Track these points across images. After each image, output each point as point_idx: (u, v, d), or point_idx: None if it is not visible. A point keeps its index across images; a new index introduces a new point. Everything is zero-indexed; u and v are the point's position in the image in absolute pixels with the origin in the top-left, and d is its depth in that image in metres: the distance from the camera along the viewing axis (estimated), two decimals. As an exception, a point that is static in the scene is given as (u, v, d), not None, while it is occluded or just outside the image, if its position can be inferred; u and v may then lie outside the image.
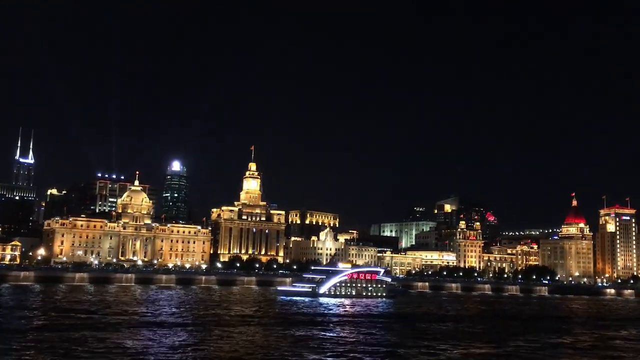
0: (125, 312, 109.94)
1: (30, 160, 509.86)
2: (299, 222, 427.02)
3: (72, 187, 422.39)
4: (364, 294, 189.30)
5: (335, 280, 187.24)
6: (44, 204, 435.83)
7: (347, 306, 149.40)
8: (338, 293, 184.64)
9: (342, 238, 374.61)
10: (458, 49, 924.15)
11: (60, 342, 69.78)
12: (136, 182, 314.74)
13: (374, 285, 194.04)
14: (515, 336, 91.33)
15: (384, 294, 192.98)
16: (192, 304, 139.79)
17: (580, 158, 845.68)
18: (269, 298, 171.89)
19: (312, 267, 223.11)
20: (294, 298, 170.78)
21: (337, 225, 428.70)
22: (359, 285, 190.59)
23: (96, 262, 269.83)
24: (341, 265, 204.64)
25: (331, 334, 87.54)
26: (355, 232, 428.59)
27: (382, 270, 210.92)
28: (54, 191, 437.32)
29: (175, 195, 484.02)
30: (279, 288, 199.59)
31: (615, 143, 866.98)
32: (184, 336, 79.77)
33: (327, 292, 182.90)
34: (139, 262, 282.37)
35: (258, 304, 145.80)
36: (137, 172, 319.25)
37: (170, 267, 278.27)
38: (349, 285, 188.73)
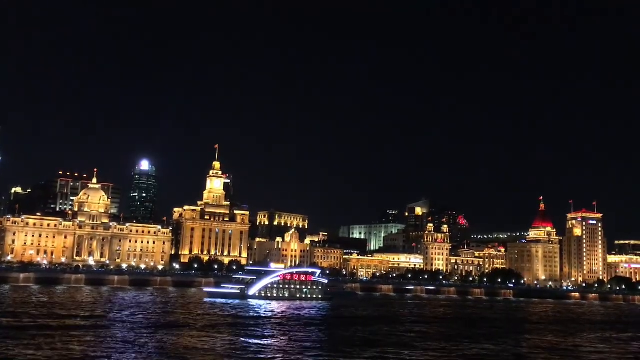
0: (35, 315, 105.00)
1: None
2: (267, 223, 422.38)
3: (35, 185, 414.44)
4: (298, 296, 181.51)
5: (266, 281, 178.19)
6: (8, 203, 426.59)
7: (271, 309, 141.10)
8: (269, 295, 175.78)
9: (309, 240, 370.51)
10: (436, 49, 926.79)
11: None
12: (94, 180, 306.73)
13: (309, 287, 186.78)
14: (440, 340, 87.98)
15: (320, 296, 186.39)
16: (124, 306, 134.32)
17: (549, 162, 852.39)
18: (197, 301, 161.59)
19: (246, 268, 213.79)
20: (220, 300, 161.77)
21: (307, 227, 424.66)
22: (292, 287, 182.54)
23: (46, 262, 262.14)
24: (273, 266, 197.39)
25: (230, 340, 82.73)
26: (324, 234, 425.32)
27: (318, 271, 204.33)
28: (19, 189, 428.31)
29: (144, 194, 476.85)
30: (205, 289, 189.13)
31: (582, 146, 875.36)
32: (99, 343, 73.93)
33: (257, 294, 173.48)
34: (92, 263, 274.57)
35: (190, 307, 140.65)
36: (95, 170, 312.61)
37: (124, 267, 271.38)
38: (281, 286, 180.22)
